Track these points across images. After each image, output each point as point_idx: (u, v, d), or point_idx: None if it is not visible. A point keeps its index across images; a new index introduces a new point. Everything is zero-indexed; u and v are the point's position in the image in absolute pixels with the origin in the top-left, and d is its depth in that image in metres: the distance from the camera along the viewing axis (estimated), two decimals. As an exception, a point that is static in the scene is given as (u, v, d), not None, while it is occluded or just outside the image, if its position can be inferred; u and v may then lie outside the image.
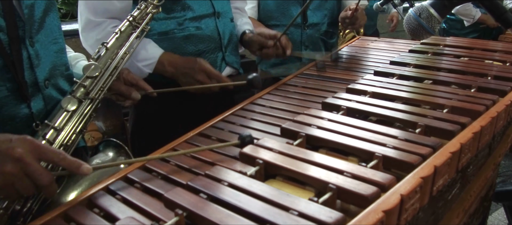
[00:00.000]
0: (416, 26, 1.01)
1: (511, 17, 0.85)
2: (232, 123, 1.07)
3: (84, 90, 0.93)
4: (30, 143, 0.72)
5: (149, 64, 1.29)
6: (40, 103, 0.90)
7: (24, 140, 0.72)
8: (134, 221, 0.62)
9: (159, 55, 1.29)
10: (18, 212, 0.80)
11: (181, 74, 1.28)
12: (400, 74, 1.28)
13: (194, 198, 0.67)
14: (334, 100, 1.08)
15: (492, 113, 0.97)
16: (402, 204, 0.66)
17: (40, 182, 0.71)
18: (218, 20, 1.38)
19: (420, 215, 0.89)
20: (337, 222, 0.59)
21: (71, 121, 0.90)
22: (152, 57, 1.28)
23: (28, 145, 0.71)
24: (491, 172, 1.38)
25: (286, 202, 0.64)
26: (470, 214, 1.29)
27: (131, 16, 1.05)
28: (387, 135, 0.86)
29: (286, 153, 0.80)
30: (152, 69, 1.29)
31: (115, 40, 1.01)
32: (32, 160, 0.70)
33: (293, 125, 0.94)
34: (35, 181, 0.71)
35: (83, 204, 0.77)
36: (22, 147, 0.70)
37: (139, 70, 1.29)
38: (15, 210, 0.79)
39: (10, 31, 0.83)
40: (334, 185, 0.68)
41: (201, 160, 0.88)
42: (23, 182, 0.70)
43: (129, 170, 0.86)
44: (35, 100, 0.90)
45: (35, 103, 0.89)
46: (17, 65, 0.84)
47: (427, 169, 0.73)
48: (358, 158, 0.81)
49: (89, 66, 0.94)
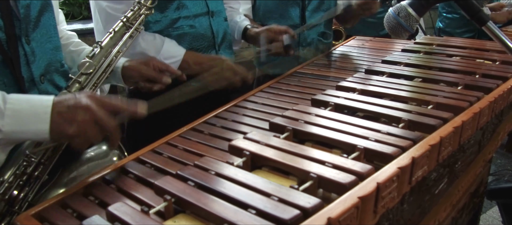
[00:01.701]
0: (395, 25, 1.05)
1: (485, 15, 0.89)
2: (224, 118, 1.11)
3: (79, 86, 0.98)
4: (92, 95, 0.81)
5: (175, 61, 1.34)
6: None
7: (87, 94, 0.81)
8: (124, 205, 0.66)
9: (183, 53, 1.34)
10: (15, 198, 0.85)
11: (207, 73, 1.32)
12: (390, 73, 1.32)
13: (183, 186, 0.71)
14: (323, 96, 1.12)
15: (474, 109, 1.01)
16: (379, 192, 0.69)
17: (108, 127, 0.79)
18: (212, 19, 1.43)
19: (405, 207, 0.92)
20: (314, 207, 0.63)
21: None
22: (178, 55, 1.33)
23: (91, 97, 0.80)
24: (481, 169, 1.41)
25: (268, 189, 0.68)
26: (458, 209, 1.32)
27: (125, 17, 1.10)
28: (371, 129, 0.90)
29: (272, 145, 0.84)
30: (177, 66, 1.34)
31: (109, 39, 1.07)
32: (98, 108, 0.78)
33: (282, 120, 0.97)
34: (103, 125, 0.79)
35: (79, 193, 0.81)
36: (88, 99, 0.79)
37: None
38: (12, 196, 0.85)
39: (7, 30, 0.89)
40: (315, 174, 0.72)
41: (193, 152, 0.93)
42: (93, 129, 0.78)
43: (124, 161, 0.90)
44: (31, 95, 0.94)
45: None
46: (14, 62, 0.90)
47: (406, 160, 0.77)
48: (341, 151, 0.85)
49: (84, 63, 1.00)
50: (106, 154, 1.05)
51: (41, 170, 0.89)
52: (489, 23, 0.89)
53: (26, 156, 0.87)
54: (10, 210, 0.86)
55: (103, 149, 1.01)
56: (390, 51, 1.70)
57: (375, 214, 0.72)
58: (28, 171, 0.87)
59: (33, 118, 0.76)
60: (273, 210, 0.62)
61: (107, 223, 0.63)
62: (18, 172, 0.86)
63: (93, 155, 1.00)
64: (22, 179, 0.87)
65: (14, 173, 0.86)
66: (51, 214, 0.75)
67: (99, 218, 0.64)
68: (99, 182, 0.83)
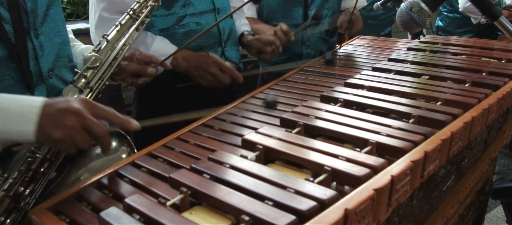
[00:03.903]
0: (408, 20, 1.05)
1: (497, 10, 0.89)
2: (234, 115, 1.12)
3: (85, 80, 0.97)
4: (86, 101, 0.79)
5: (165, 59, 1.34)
6: (43, 92, 0.95)
7: (80, 99, 0.79)
8: (141, 197, 0.67)
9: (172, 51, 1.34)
10: (21, 194, 0.84)
11: (194, 68, 1.33)
12: (397, 70, 1.33)
13: (198, 178, 0.71)
14: (332, 93, 1.12)
15: (483, 105, 1.02)
16: (393, 185, 0.70)
17: (97, 134, 0.77)
18: (218, 16, 1.43)
19: (415, 203, 0.93)
20: (331, 199, 0.63)
21: None
22: (166, 54, 1.33)
23: (84, 102, 0.78)
24: (487, 167, 1.41)
25: (284, 181, 0.68)
26: (465, 206, 1.33)
27: (131, 10, 1.09)
28: (382, 124, 0.90)
29: (285, 140, 0.84)
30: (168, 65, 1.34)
31: (116, 32, 1.05)
32: (89, 114, 0.77)
33: (292, 116, 0.98)
34: (92, 133, 0.77)
35: (93, 186, 0.81)
36: (79, 104, 0.77)
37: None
38: (17, 192, 0.83)
39: (14, 23, 0.88)
40: (329, 167, 0.72)
41: (205, 147, 0.93)
42: (81, 135, 0.76)
43: (136, 156, 0.91)
44: (39, 90, 0.94)
45: (39, 92, 0.94)
46: (22, 56, 0.89)
47: (418, 154, 0.77)
48: (353, 145, 0.86)
49: (90, 57, 0.99)
50: (115, 150, 1.04)
51: (48, 166, 0.87)
52: (501, 18, 0.90)
53: (31, 152, 0.86)
54: (16, 207, 0.84)
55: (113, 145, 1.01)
56: (395, 49, 1.71)
57: (388, 207, 0.72)
58: (33, 167, 0.86)
59: (18, 118, 0.74)
60: (290, 201, 0.62)
61: (125, 214, 0.63)
62: (22, 168, 0.84)
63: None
64: (27, 175, 0.85)
65: (18, 169, 0.84)
66: (67, 207, 0.75)
67: (116, 210, 0.64)
68: (113, 176, 0.84)
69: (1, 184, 0.83)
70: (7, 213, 0.83)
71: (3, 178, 0.83)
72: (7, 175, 0.84)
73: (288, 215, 0.59)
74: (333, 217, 0.59)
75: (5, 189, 0.82)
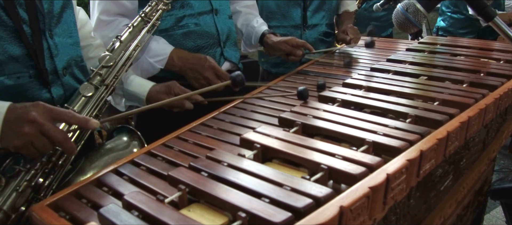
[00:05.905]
0: (404, 20, 1.06)
1: (492, 11, 0.90)
2: (232, 114, 1.13)
3: (100, 78, 1.03)
4: (42, 107, 0.82)
5: (160, 60, 1.35)
6: (60, 89, 1.01)
7: (37, 105, 0.81)
8: (140, 194, 0.68)
9: (170, 51, 1.35)
10: (40, 186, 0.89)
11: (188, 69, 1.34)
12: (396, 71, 1.33)
13: (196, 176, 0.72)
14: (331, 93, 1.13)
15: (480, 105, 1.02)
16: (388, 183, 0.71)
17: (55, 139, 0.81)
18: (216, 17, 1.44)
19: (412, 202, 0.94)
20: (326, 196, 0.64)
21: (88, 106, 0.99)
22: (163, 53, 1.34)
23: (40, 108, 0.81)
24: (485, 167, 1.42)
25: (280, 179, 0.69)
26: (463, 206, 1.33)
27: (143, 12, 1.15)
28: (378, 124, 0.91)
29: (282, 139, 0.85)
30: (164, 64, 1.36)
31: (128, 34, 1.11)
32: (45, 120, 0.80)
33: (290, 115, 0.99)
34: (50, 138, 0.80)
35: (92, 184, 0.82)
36: (36, 110, 0.80)
37: (151, 66, 1.36)
38: (38, 183, 0.88)
39: (32, 24, 0.94)
40: (326, 165, 0.73)
41: (204, 146, 0.94)
42: (40, 141, 0.80)
43: (135, 155, 0.92)
44: (55, 87, 1.00)
45: (55, 89, 1.00)
46: (38, 54, 0.95)
47: (414, 153, 0.78)
48: (350, 144, 0.86)
49: (104, 57, 1.05)
50: (127, 145, 1.08)
51: (65, 159, 0.92)
52: (496, 18, 0.91)
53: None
54: (36, 197, 0.89)
55: (124, 140, 1.05)
56: (395, 50, 1.72)
57: (384, 206, 0.73)
58: (53, 159, 0.91)
59: None
60: (286, 199, 0.63)
61: (124, 211, 0.64)
62: (44, 160, 0.89)
63: (114, 146, 1.03)
64: (48, 167, 0.90)
65: (40, 161, 0.89)
66: (66, 204, 0.76)
67: (115, 206, 0.65)
68: (112, 174, 0.85)
69: (23, 175, 0.87)
70: (27, 203, 0.87)
71: (26, 169, 0.87)
72: (30, 166, 0.88)
73: (284, 212, 0.60)
74: (329, 214, 0.60)
75: (27, 179, 0.86)
